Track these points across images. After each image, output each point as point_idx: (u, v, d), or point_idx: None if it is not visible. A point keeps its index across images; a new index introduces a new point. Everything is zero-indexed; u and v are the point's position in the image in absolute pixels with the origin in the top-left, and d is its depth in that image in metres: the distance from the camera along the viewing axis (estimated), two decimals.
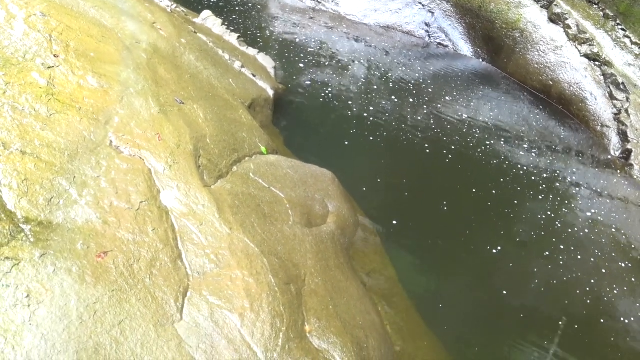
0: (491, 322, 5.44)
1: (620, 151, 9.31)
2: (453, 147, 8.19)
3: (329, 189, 5.61)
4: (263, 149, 5.58)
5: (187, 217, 3.92)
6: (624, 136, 9.36)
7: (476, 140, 8.59)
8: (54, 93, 4.16)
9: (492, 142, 8.68)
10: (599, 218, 7.39)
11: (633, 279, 6.38)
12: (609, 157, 9.23)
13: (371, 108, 8.70)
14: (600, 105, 9.91)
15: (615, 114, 9.67)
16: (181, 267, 3.57)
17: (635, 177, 8.70)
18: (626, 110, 9.48)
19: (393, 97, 9.30)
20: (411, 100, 9.40)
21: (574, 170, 8.56)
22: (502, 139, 8.88)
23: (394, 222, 6.22)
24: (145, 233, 3.62)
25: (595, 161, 9.03)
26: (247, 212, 4.32)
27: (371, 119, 8.36)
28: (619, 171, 8.83)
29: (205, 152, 4.72)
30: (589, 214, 7.45)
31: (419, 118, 8.83)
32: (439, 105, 9.45)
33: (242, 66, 7.56)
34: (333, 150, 7.42)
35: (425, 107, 9.27)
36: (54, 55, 4.55)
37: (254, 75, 7.56)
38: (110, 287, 3.16)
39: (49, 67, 4.39)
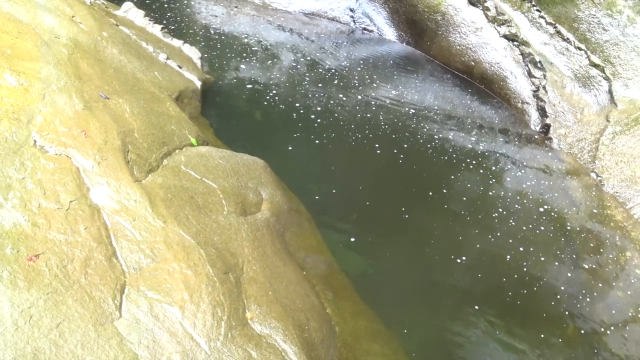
0: (428, 296, 5.63)
1: (540, 126, 9.77)
2: (378, 123, 8.38)
3: (261, 176, 5.64)
4: (193, 140, 5.55)
5: (119, 214, 3.88)
6: (542, 112, 9.82)
7: (396, 117, 8.82)
8: None
9: (408, 116, 8.93)
10: (526, 190, 7.76)
11: (558, 246, 6.75)
12: (531, 132, 9.67)
13: (299, 96, 8.76)
14: (520, 83, 10.34)
15: (534, 91, 10.13)
16: (116, 264, 3.54)
17: (554, 149, 9.17)
18: (544, 87, 9.95)
19: (320, 85, 9.39)
20: (338, 87, 9.51)
21: (501, 148, 8.90)
22: (419, 116, 9.14)
23: (328, 206, 6.31)
24: (77, 232, 3.57)
25: (519, 137, 9.43)
26: (181, 204, 4.31)
27: (300, 106, 8.41)
28: (540, 145, 9.28)
29: (133, 146, 4.65)
30: (517, 187, 7.80)
31: (347, 104, 8.96)
32: (364, 90, 9.60)
33: (168, 58, 7.44)
34: (264, 139, 7.44)
35: (352, 93, 9.40)
36: None
37: (180, 67, 7.47)
38: (44, 290, 3.11)
39: None
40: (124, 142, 4.60)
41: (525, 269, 6.19)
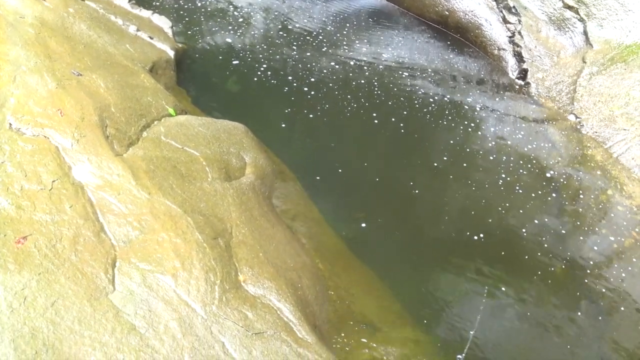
0: (420, 247, 5.67)
1: (517, 72, 9.78)
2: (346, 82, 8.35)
3: (243, 141, 5.63)
4: (171, 110, 5.51)
5: (104, 189, 3.88)
6: (519, 57, 9.82)
7: (389, 81, 8.79)
8: None
9: (401, 79, 8.90)
10: (506, 138, 7.80)
11: (542, 191, 6.84)
12: (511, 78, 9.68)
13: (276, 58, 8.66)
14: (495, 30, 10.30)
15: (510, 37, 10.10)
16: (105, 239, 3.56)
17: (532, 94, 9.21)
18: (519, 32, 9.92)
19: (296, 46, 9.28)
20: (315, 47, 9.41)
21: (481, 97, 8.90)
22: (412, 77, 9.11)
23: (313, 168, 6.31)
24: (63, 211, 3.57)
25: (499, 86, 9.41)
26: (164, 175, 4.31)
27: (276, 68, 8.33)
28: (519, 91, 9.30)
29: (111, 121, 4.62)
30: (496, 135, 7.84)
31: (323, 65, 8.88)
32: (354, 54, 9.49)
33: (138, 29, 7.32)
34: (242, 104, 7.37)
35: (327, 52, 9.31)
36: None
37: (151, 38, 7.35)
38: (36, 271, 3.13)
39: None
40: (101, 118, 4.57)
41: (510, 216, 6.28)
